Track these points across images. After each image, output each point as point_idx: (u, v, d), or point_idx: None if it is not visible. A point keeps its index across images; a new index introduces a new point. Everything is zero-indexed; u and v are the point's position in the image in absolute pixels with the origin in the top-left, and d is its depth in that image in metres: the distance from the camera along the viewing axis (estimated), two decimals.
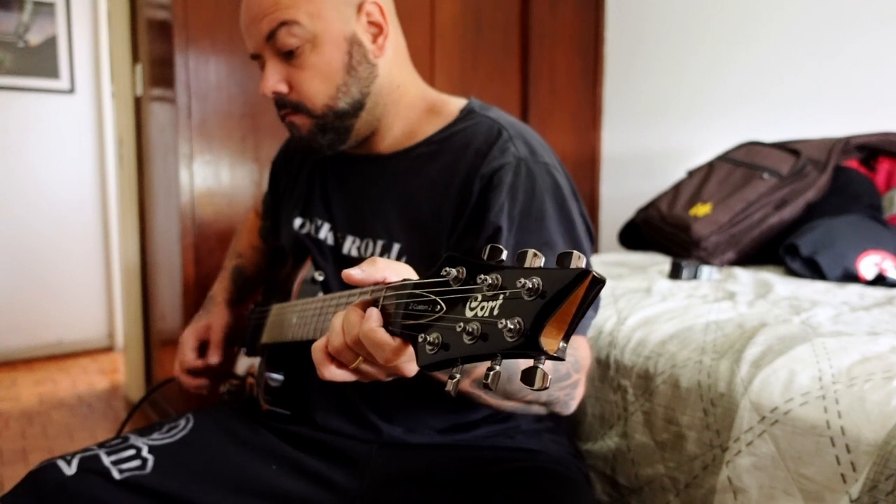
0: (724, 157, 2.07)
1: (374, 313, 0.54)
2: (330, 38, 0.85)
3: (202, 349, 1.08)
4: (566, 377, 0.79)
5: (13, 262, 3.33)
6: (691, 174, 2.12)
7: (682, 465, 0.95)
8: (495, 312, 0.42)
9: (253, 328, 1.08)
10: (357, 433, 0.91)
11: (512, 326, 0.40)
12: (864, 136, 1.91)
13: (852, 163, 1.91)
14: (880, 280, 1.48)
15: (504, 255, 0.45)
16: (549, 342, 0.39)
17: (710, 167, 2.06)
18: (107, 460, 0.84)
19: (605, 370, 1.09)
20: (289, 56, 0.86)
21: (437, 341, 0.46)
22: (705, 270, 1.55)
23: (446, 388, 0.45)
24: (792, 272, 1.61)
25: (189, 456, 0.89)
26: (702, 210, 1.88)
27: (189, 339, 1.06)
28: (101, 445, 0.88)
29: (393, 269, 0.57)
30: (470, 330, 0.43)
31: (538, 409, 0.82)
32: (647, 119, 2.72)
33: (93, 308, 3.56)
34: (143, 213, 2.48)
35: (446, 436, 0.90)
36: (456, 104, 0.96)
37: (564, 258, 0.40)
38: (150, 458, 0.86)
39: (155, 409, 2.40)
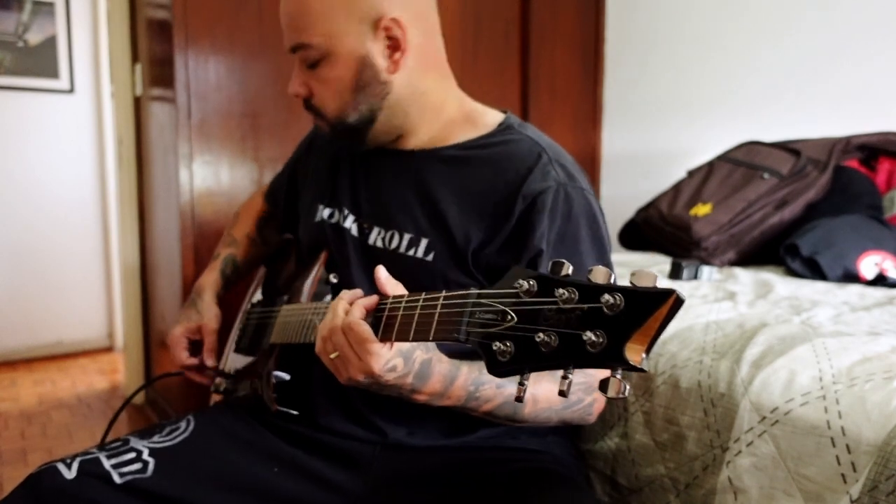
0: (725, 157, 2.07)
1: (359, 305, 0.68)
2: (342, 57, 0.88)
3: (194, 346, 1.09)
4: (578, 403, 0.82)
5: (13, 261, 3.32)
6: (691, 174, 2.12)
7: (682, 466, 0.95)
8: (573, 325, 0.44)
9: (254, 327, 1.08)
10: (360, 434, 0.91)
11: (595, 339, 0.42)
12: (865, 135, 1.91)
13: (852, 163, 1.91)
14: (881, 280, 1.48)
15: (570, 270, 0.47)
16: (632, 354, 0.42)
17: (711, 167, 2.06)
18: (107, 464, 0.84)
19: None
20: (312, 66, 0.90)
21: (509, 349, 0.48)
22: (705, 270, 1.55)
23: (517, 395, 0.48)
24: (792, 272, 1.61)
25: (190, 458, 0.89)
26: (702, 210, 1.88)
27: (181, 340, 1.07)
28: (101, 448, 0.88)
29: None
30: (548, 340, 0.45)
31: (553, 424, 0.85)
32: (647, 119, 2.72)
33: (93, 308, 3.55)
34: (142, 213, 2.48)
35: (449, 438, 0.90)
36: (493, 117, 0.97)
37: (640, 277, 0.42)
38: (151, 462, 0.86)
39: (155, 410, 2.40)
